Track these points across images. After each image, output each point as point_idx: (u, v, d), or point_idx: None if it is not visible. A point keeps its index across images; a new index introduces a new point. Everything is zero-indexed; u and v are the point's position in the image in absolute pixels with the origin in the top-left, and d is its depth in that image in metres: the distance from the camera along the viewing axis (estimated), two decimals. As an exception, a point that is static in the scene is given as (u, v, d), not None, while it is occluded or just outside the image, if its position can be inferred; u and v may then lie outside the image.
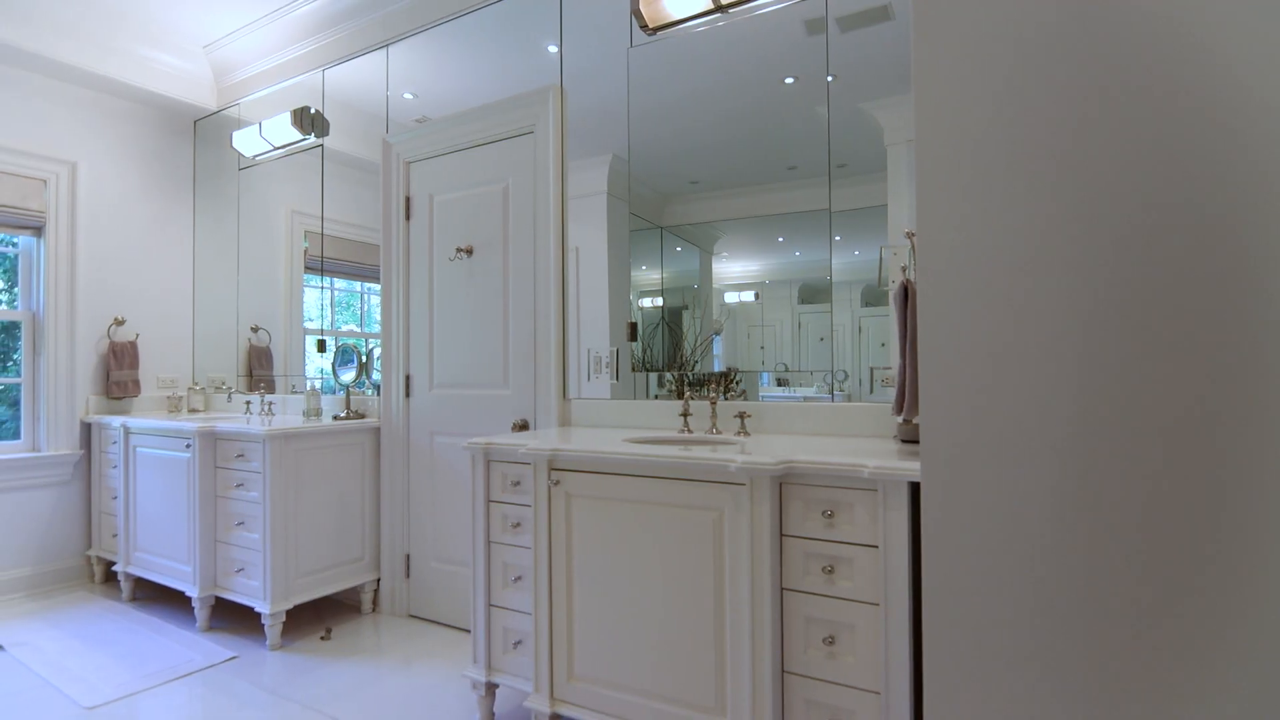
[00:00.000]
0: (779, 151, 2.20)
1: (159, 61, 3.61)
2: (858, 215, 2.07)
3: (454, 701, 2.22)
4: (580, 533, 1.81)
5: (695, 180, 2.37)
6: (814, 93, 2.12)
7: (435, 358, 2.91)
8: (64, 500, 3.44)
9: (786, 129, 2.18)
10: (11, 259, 3.48)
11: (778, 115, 2.19)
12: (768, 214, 2.24)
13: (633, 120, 2.44)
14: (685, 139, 2.37)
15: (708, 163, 2.33)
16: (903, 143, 2.00)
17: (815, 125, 2.12)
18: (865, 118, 2.04)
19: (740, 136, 2.27)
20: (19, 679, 2.40)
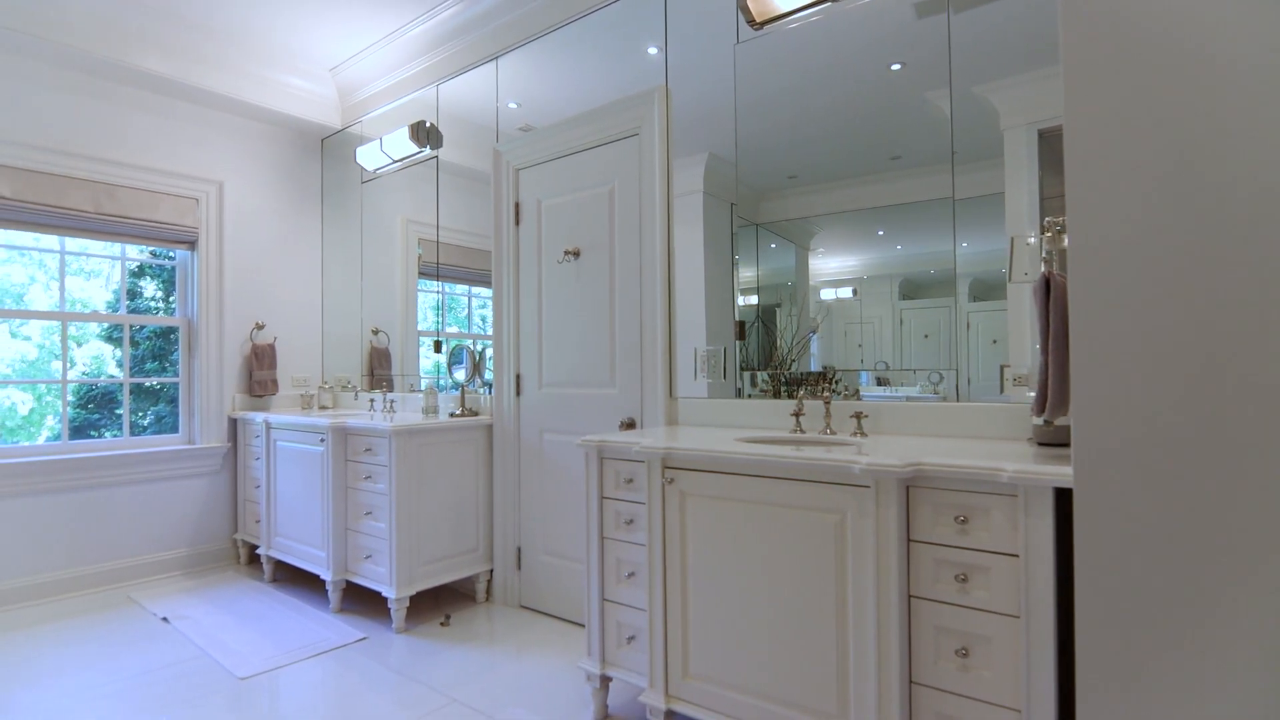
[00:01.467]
0: (882, 141, 2.12)
1: (292, 85, 3.92)
2: (967, 205, 1.97)
3: (568, 692, 2.28)
4: (695, 531, 1.81)
5: (793, 175, 2.33)
6: (923, 78, 2.03)
7: (544, 357, 3.00)
8: (214, 488, 3.80)
9: (891, 118, 2.10)
10: (170, 270, 3.88)
11: (882, 104, 2.11)
12: (868, 207, 2.17)
13: (737, 117, 2.42)
14: (784, 133, 2.33)
15: (807, 156, 2.29)
16: (1021, 126, 1.88)
17: (923, 112, 2.03)
18: (979, 102, 1.93)
19: (841, 128, 2.20)
20: (183, 649, 2.67)
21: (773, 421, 2.28)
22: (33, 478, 3.19)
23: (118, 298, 3.73)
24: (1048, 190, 1.87)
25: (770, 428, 2.27)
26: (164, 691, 2.32)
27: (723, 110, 2.47)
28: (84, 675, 2.44)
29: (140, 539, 3.53)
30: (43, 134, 3.26)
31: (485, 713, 2.15)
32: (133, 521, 3.50)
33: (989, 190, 1.93)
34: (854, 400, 2.15)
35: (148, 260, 3.78)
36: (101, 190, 3.39)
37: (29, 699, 2.27)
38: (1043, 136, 1.86)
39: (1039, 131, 1.86)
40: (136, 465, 3.50)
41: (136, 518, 3.51)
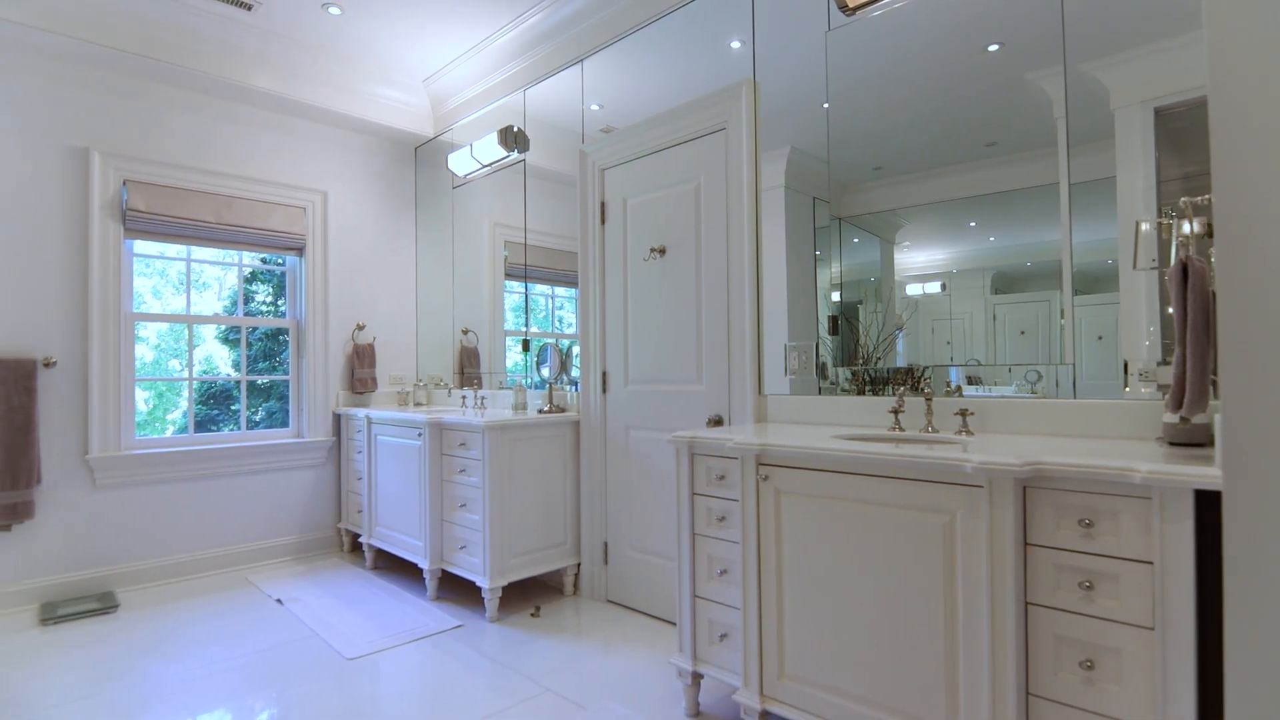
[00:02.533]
0: (976, 127, 2.02)
1: (389, 98, 4.11)
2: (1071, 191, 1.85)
3: (659, 687, 2.28)
4: (791, 530, 1.78)
5: (879, 166, 2.25)
6: (1024, 58, 1.92)
7: (630, 355, 3.03)
8: (320, 480, 4.04)
9: (987, 102, 2.00)
10: (280, 275, 4.15)
11: (978, 88, 2.02)
12: (959, 197, 2.07)
13: (818, 108, 2.36)
14: (871, 124, 2.26)
15: (894, 147, 2.21)
16: (1134, 105, 1.74)
17: (1022, 95, 1.93)
18: (1086, 81, 1.81)
19: (932, 115, 2.12)
20: (295, 629, 2.85)
21: (866, 419, 2.21)
22: (163, 467, 3.48)
23: (233, 302, 4.03)
24: (1166, 172, 1.73)
25: (865, 425, 2.21)
26: (281, 668, 2.48)
27: (807, 103, 2.42)
28: (212, 650, 2.64)
29: (255, 526, 3.79)
30: (173, 152, 3.55)
31: (578, 703, 2.18)
32: (249, 509, 3.77)
33: (1097, 175, 1.81)
34: (956, 397, 2.05)
35: (258, 266, 4.06)
36: (221, 202, 3.67)
37: (167, 670, 2.47)
38: (1160, 115, 1.73)
39: (1155, 110, 1.73)
40: (252, 457, 3.76)
41: (252, 506, 3.78)
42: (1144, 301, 1.73)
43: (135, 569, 3.39)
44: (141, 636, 2.78)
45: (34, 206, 3.17)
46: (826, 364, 2.39)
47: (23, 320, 3.13)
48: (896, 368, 2.22)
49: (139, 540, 3.42)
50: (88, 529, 3.27)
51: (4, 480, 2.98)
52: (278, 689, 2.31)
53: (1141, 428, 1.70)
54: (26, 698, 2.26)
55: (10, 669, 2.48)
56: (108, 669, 2.48)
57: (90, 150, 3.29)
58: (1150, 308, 1.72)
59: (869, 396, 2.23)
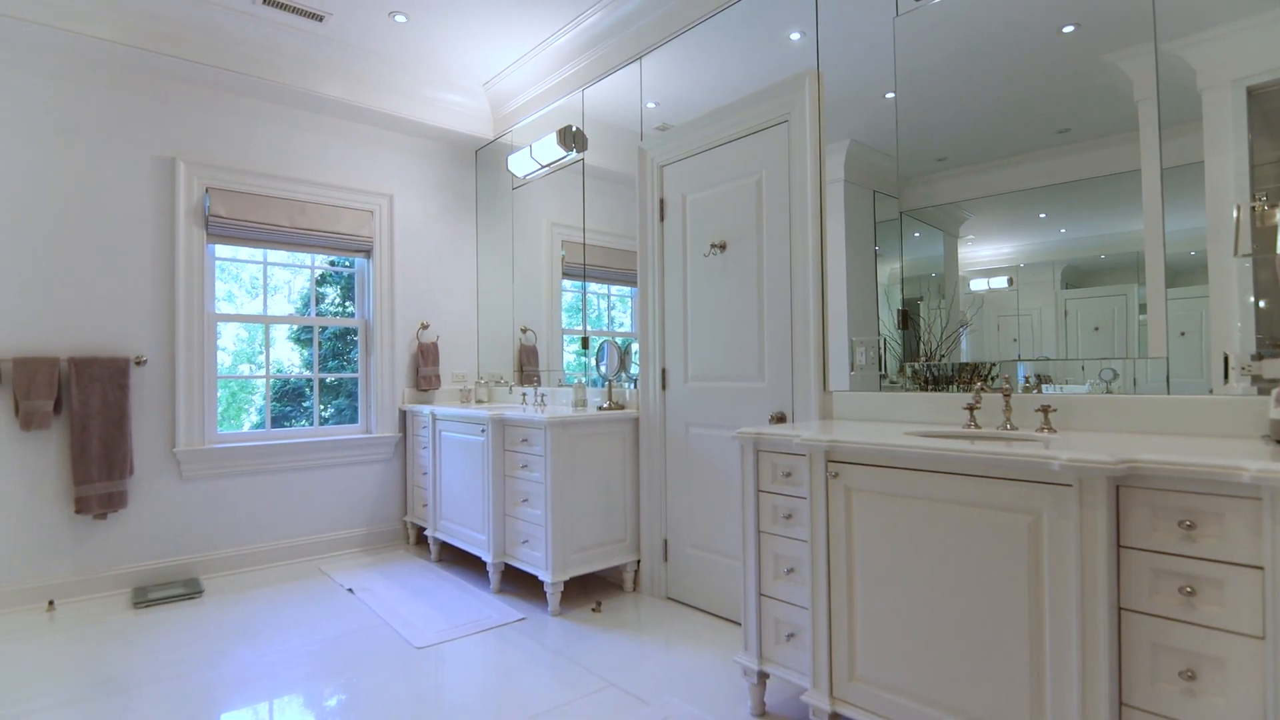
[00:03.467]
0: (1048, 114, 1.94)
1: (450, 102, 4.21)
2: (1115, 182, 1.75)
3: (723, 685, 2.27)
4: (862, 528, 1.74)
5: (942, 157, 2.18)
6: (1102, 39, 1.83)
7: (690, 351, 3.02)
8: (387, 474, 4.17)
9: (1060, 86, 1.91)
10: (348, 277, 4.30)
11: (1051, 72, 1.93)
12: (1028, 187, 1.98)
13: (879, 99, 2.30)
14: (936, 112, 2.19)
15: (960, 136, 2.13)
16: (1225, 85, 1.64)
17: (1100, 78, 1.83)
18: (1170, 60, 1.71)
19: (1001, 102, 2.04)
20: (366, 618, 2.95)
21: (936, 416, 2.14)
22: (242, 460, 3.65)
23: (304, 303, 4.19)
24: (1260, 155, 1.62)
25: (935, 423, 2.14)
26: (354, 655, 2.56)
27: (868, 93, 2.37)
28: (289, 636, 2.76)
29: (327, 518, 3.94)
30: (250, 160, 3.72)
31: (642, 699, 2.18)
32: (321, 502, 3.92)
33: (1181, 160, 1.71)
34: (1035, 393, 1.97)
35: (326, 269, 4.21)
36: (295, 207, 3.82)
37: (248, 655, 2.59)
38: (1253, 95, 1.62)
39: (1248, 89, 1.62)
40: (323, 452, 3.91)
41: (324, 499, 3.93)
42: (1235, 292, 1.62)
43: (217, 557, 3.57)
44: (225, 622, 2.92)
45: (127, 214, 3.37)
46: (885, 360, 2.34)
47: (117, 321, 3.33)
48: (961, 364, 2.15)
49: (220, 530, 3.59)
50: (174, 518, 3.46)
51: (101, 471, 3.18)
52: (351, 675, 2.39)
53: (1242, 425, 1.60)
54: (121, 676, 2.40)
55: (106, 649, 2.64)
56: (195, 651, 2.61)
57: (176, 160, 3.48)
58: (1243, 299, 1.61)
59: (938, 393, 2.16)
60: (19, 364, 3.02)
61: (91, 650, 2.62)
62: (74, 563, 3.21)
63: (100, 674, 2.42)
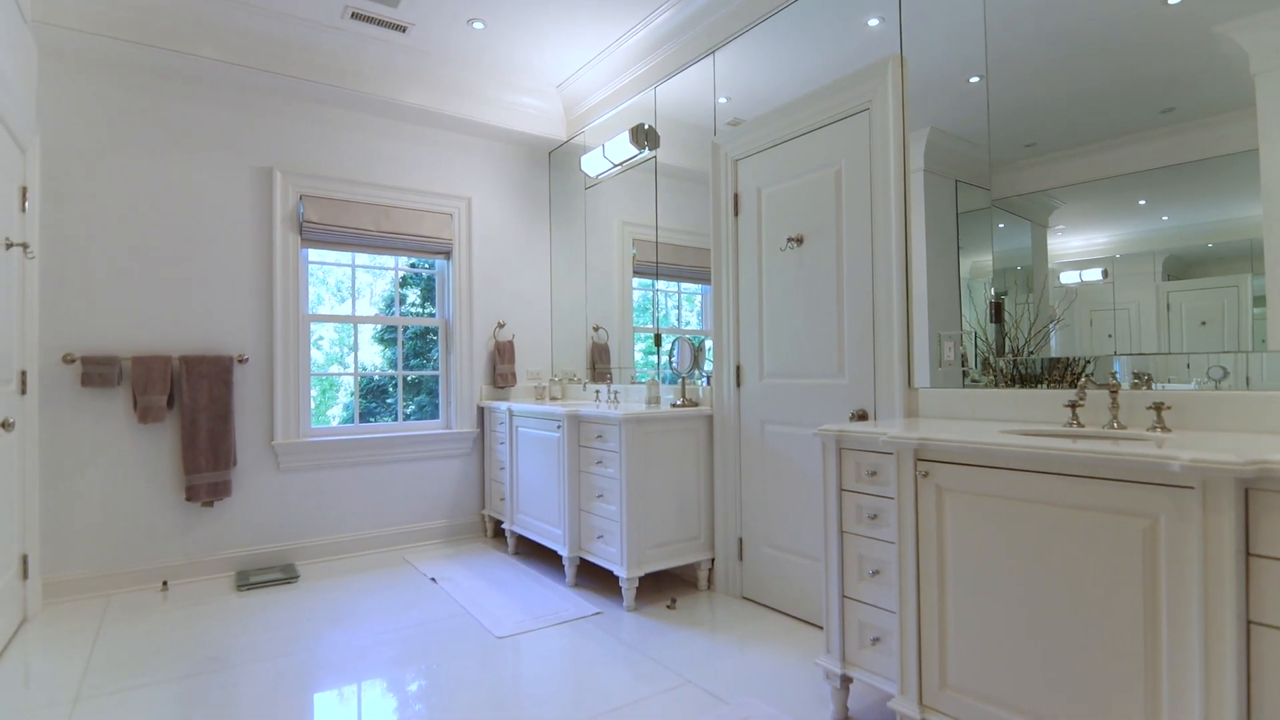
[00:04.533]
0: (1150, 92, 1.80)
1: (525, 105, 4.30)
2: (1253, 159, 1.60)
3: (802, 687, 2.22)
4: (955, 530, 1.66)
5: (1031, 143, 2.06)
6: (1213, 8, 1.68)
7: (765, 348, 2.97)
8: (466, 469, 4.30)
9: (1166, 62, 1.77)
10: (427, 279, 4.45)
11: (1153, 47, 1.80)
12: (1126, 172, 1.85)
13: (963, 83, 2.19)
14: (1024, 95, 2.08)
15: (1051, 119, 2.01)
16: None
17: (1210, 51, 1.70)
18: None
19: (1098, 81, 1.91)
20: (448, 606, 3.04)
21: (1031, 414, 2.03)
22: (333, 454, 3.84)
23: (386, 305, 4.37)
24: None
25: (1031, 421, 2.02)
26: (438, 641, 2.65)
27: (951, 78, 2.28)
28: (376, 621, 2.88)
29: (410, 509, 4.09)
30: (339, 167, 3.91)
31: (720, 698, 2.17)
32: (404, 494, 4.08)
33: None
34: (1145, 390, 1.83)
35: (408, 271, 4.38)
36: (380, 211, 3.99)
37: (339, 638, 2.72)
38: None
39: None
40: (407, 446, 4.07)
41: (407, 491, 4.09)
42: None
43: (311, 544, 3.77)
44: (318, 606, 3.08)
45: (229, 222, 3.60)
46: (967, 357, 2.25)
47: (221, 322, 3.57)
48: (1052, 360, 2.03)
49: (313, 518, 3.79)
50: (273, 507, 3.68)
51: (209, 461, 3.41)
52: (436, 660, 2.48)
53: (1396, 426, 1.44)
54: (226, 654, 2.56)
55: (213, 628, 2.83)
56: (292, 633, 2.76)
57: (273, 170, 3.69)
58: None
59: (1032, 390, 2.05)
60: (137, 363, 3.27)
61: (200, 629, 2.82)
62: (184, 547, 3.45)
63: (208, 651, 2.59)
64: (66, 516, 3.19)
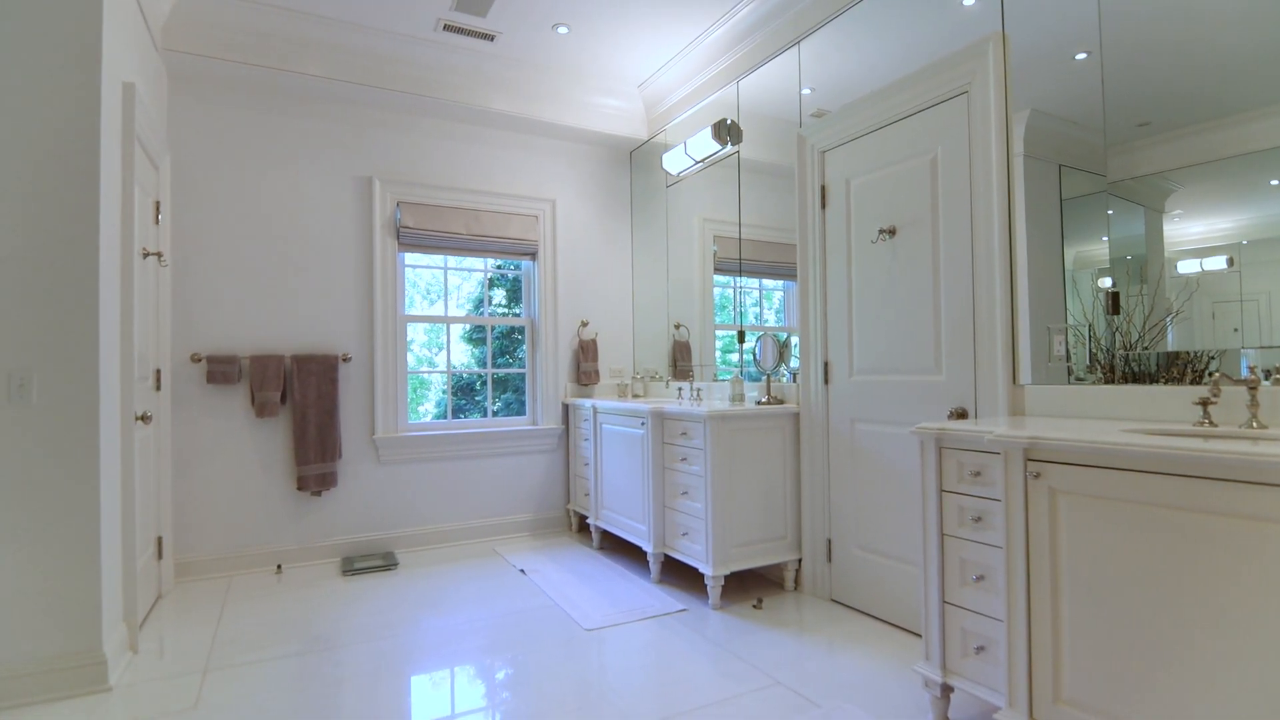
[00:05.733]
0: None
1: (607, 106, 4.35)
2: None
3: (898, 694, 2.14)
4: (1070, 534, 1.56)
5: (1145, 121, 1.90)
6: None
7: (855, 344, 2.88)
8: (552, 464, 4.40)
9: None
10: (512, 280, 4.58)
11: None
12: (1256, 149, 1.68)
13: (1068, 60, 2.04)
14: (1141, 70, 1.92)
15: (1169, 95, 1.85)
16: None
17: None
18: None
19: (1225, 52, 1.74)
20: (538, 598, 3.12)
21: (1151, 412, 1.88)
22: (427, 448, 4.01)
23: (475, 305, 4.52)
24: None
25: (1153, 419, 1.87)
26: (529, 631, 2.72)
27: (1053, 56, 2.14)
28: (470, 609, 2.99)
29: (498, 502, 4.23)
30: (432, 174, 4.08)
31: (812, 700, 2.12)
32: (493, 487, 4.21)
33: None
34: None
35: (494, 272, 4.51)
36: (470, 215, 4.14)
37: (436, 623, 2.84)
38: None
39: None
40: (495, 441, 4.20)
41: (496, 485, 4.22)
42: None
43: (408, 534, 3.96)
44: (416, 592, 3.22)
45: (334, 229, 3.82)
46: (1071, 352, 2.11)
47: (327, 323, 3.79)
48: (1170, 354, 1.87)
49: (410, 509, 3.98)
50: (374, 497, 3.88)
51: (317, 454, 3.64)
52: (528, 649, 2.55)
53: None
54: (331, 636, 2.72)
55: (322, 610, 3.02)
56: (393, 617, 2.91)
57: (373, 178, 3.90)
58: None
59: (1156, 387, 1.89)
60: (255, 361, 3.52)
61: (311, 610, 3.01)
62: (296, 533, 3.69)
63: (318, 631, 2.76)
64: (194, 503, 3.48)
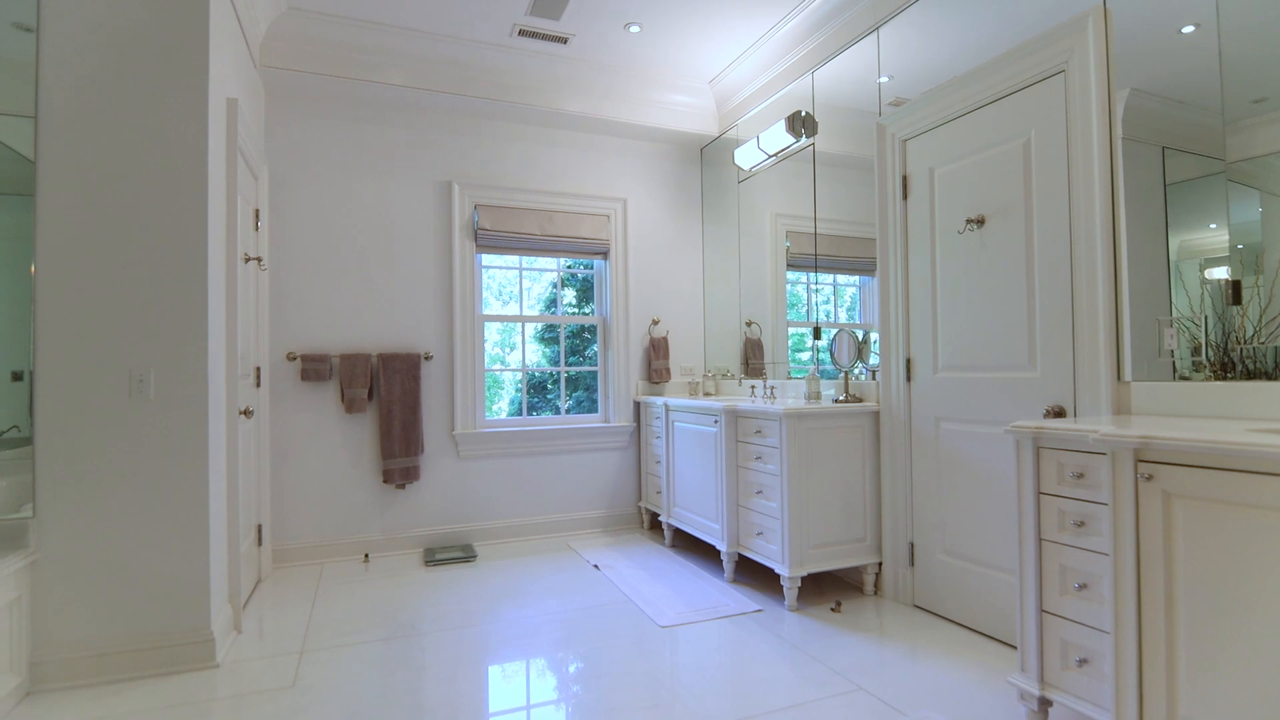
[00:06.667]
0: None
1: (677, 103, 4.34)
2: None
3: (988, 706, 2.04)
4: (1187, 541, 1.44)
5: (1261, 98, 1.74)
6: None
7: (940, 339, 2.77)
8: (623, 461, 4.43)
9: None
10: (585, 278, 4.63)
11: None
12: None
13: (1173, 34, 1.87)
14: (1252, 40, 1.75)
15: None
16: None
17: None
18: None
19: None
20: (611, 593, 3.14)
21: (1273, 411, 1.72)
22: (504, 444, 4.11)
23: (546, 305, 4.60)
24: None
25: (1277, 419, 1.71)
26: (604, 625, 2.75)
27: (1156, 30, 2.00)
28: (546, 602, 3.04)
29: (572, 498, 4.29)
30: (507, 176, 4.18)
31: (896, 708, 2.05)
32: (567, 483, 4.28)
33: None
34: None
35: (565, 272, 4.57)
36: (544, 216, 4.21)
37: (515, 615, 2.90)
38: None
39: None
40: (569, 438, 4.26)
41: (569, 481, 4.28)
42: None
43: (485, 527, 4.07)
44: (494, 584, 3.31)
45: (415, 233, 3.97)
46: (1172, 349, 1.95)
47: (410, 322, 3.94)
48: None
49: (487, 503, 4.09)
50: (454, 491, 4.01)
51: (402, 448, 3.78)
52: (603, 643, 2.57)
53: None
54: (418, 622, 2.82)
55: (407, 598, 3.13)
56: (472, 607, 2.99)
57: (452, 183, 4.02)
58: None
59: (1278, 383, 1.73)
60: (344, 360, 3.70)
61: (396, 598, 3.13)
62: (382, 524, 3.86)
63: (403, 618, 2.87)
64: (289, 493, 3.69)
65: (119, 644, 2.31)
